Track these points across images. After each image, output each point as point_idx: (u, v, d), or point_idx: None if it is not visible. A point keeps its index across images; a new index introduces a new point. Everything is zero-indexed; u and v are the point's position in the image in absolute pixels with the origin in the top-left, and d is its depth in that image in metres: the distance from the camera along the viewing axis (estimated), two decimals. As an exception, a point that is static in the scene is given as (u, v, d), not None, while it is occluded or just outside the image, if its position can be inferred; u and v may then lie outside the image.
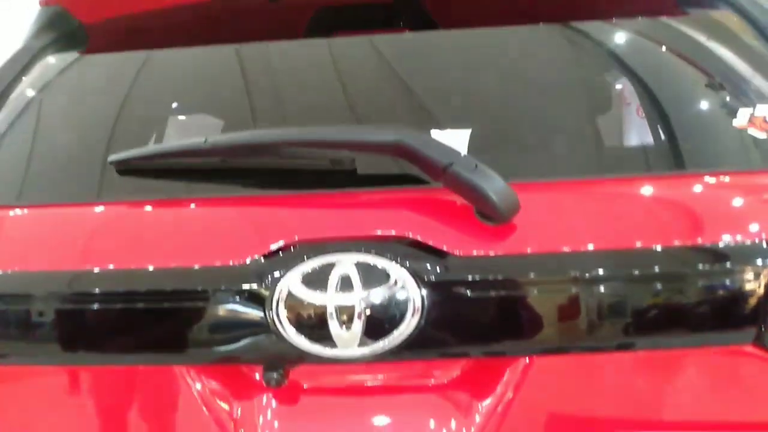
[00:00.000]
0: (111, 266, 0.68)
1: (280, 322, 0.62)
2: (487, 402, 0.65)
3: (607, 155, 0.82)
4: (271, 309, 0.62)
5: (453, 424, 0.64)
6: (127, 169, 0.79)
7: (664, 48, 0.94)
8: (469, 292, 0.63)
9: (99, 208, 0.77)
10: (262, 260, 0.65)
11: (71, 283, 0.68)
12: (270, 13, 1.04)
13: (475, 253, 0.64)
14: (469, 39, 0.96)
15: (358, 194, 0.71)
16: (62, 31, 1.09)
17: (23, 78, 1.03)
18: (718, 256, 0.64)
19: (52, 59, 1.07)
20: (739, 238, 0.64)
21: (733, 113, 0.80)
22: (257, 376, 0.67)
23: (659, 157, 0.80)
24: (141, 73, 1.01)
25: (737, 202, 0.71)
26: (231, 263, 0.65)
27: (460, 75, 0.88)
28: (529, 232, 0.65)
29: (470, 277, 0.63)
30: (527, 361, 0.64)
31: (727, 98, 0.86)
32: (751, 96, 0.85)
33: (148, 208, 0.74)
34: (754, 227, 0.66)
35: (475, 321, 0.63)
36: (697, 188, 0.71)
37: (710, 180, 0.71)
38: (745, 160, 0.77)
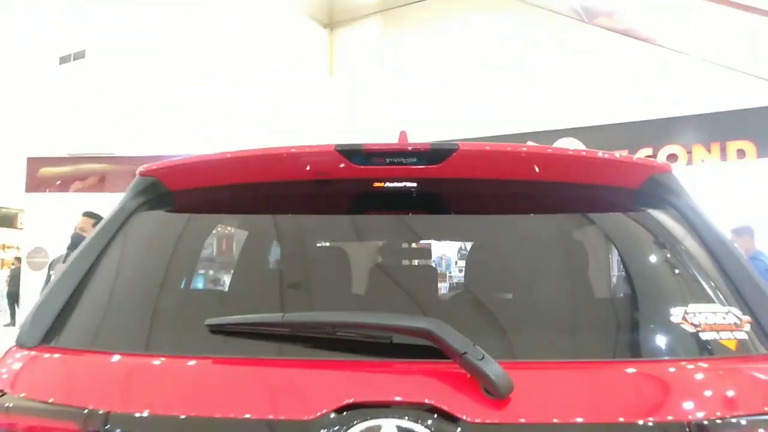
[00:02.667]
0: (202, 414, 0.93)
1: None
2: None
3: (578, 341, 1.09)
4: None
5: None
6: (218, 330, 1.05)
7: (625, 247, 1.24)
8: None
9: (194, 362, 1.02)
10: (329, 417, 0.90)
11: (178, 425, 0.93)
12: (323, 195, 1.33)
13: (479, 420, 0.90)
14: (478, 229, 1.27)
15: (398, 364, 0.97)
16: (153, 195, 1.36)
17: (114, 238, 1.29)
18: (650, 428, 0.90)
19: (144, 217, 1.33)
20: (664, 416, 0.91)
21: (669, 311, 1.08)
22: None
23: (609, 345, 1.07)
24: (225, 240, 1.29)
25: (675, 386, 0.98)
26: (307, 417, 0.90)
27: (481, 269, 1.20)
28: (521, 405, 0.91)
29: None
30: None
31: (670, 297, 1.13)
32: (686, 294, 1.13)
33: (236, 365, 1.00)
34: (678, 409, 0.92)
35: None
36: (640, 374, 0.98)
37: (652, 366, 0.98)
38: (679, 351, 1.04)
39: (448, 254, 1.90)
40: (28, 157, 14.71)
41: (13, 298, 16.11)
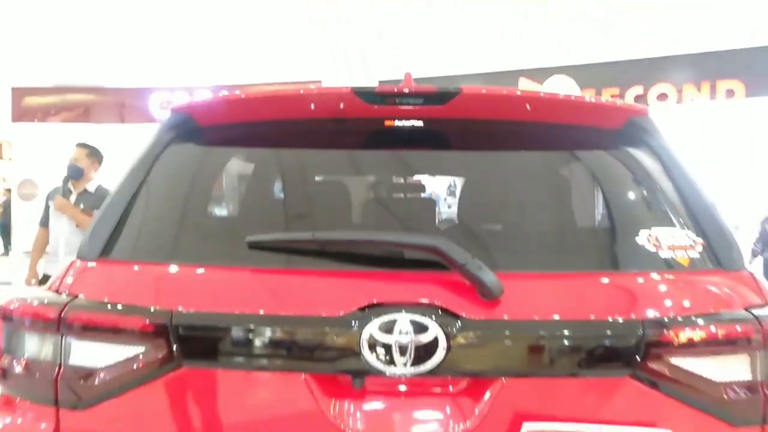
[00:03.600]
0: (263, 311, 1.13)
1: (364, 352, 1.08)
2: (478, 403, 1.11)
3: (559, 257, 1.30)
4: (359, 343, 1.09)
5: (459, 413, 1.11)
6: (257, 246, 1.24)
7: (604, 180, 1.44)
8: (474, 339, 1.10)
9: (239, 272, 1.22)
10: (354, 314, 1.11)
11: (245, 320, 1.13)
12: (340, 132, 1.49)
13: (475, 317, 1.11)
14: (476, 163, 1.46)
15: (411, 273, 1.17)
16: (185, 129, 1.51)
17: (153, 166, 1.44)
18: (611, 324, 1.13)
19: (176, 149, 1.49)
20: (624, 314, 1.13)
21: (636, 233, 1.28)
22: (348, 383, 1.13)
23: (583, 260, 1.28)
24: (253, 170, 1.47)
25: (636, 293, 1.20)
26: (340, 314, 1.11)
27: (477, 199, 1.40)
28: (509, 306, 1.13)
29: (474, 332, 1.10)
30: (503, 381, 1.11)
31: (637, 222, 1.33)
32: (652, 220, 1.34)
33: (275, 274, 1.20)
34: (634, 310, 1.14)
35: (476, 355, 1.11)
36: (606, 282, 1.19)
37: (617, 277, 1.20)
38: (641, 266, 1.26)
39: (438, 192, 2.09)
40: (12, 87, 14.42)
41: (5, 229, 16.21)
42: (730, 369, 1.13)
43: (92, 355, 1.16)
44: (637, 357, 1.10)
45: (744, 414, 1.13)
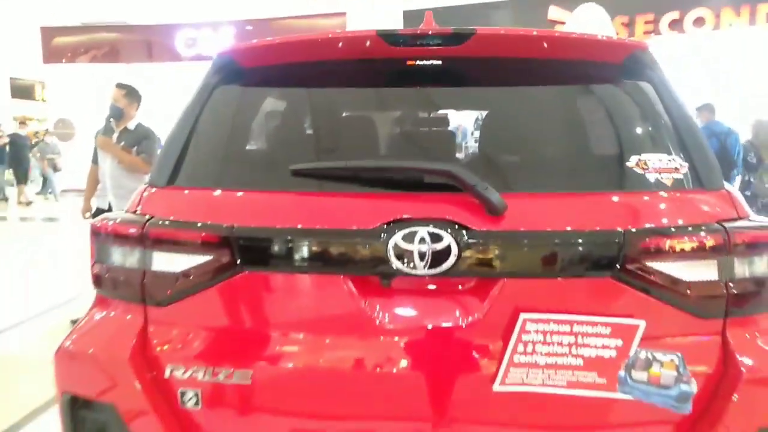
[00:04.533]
0: (307, 225, 1.36)
1: (391, 258, 1.31)
2: (483, 299, 1.34)
3: (556, 180, 1.49)
4: (387, 251, 1.32)
5: (467, 307, 1.34)
6: (300, 173, 1.45)
7: (601, 110, 1.60)
8: (480, 245, 1.32)
9: (286, 195, 1.44)
10: (382, 227, 1.34)
11: (293, 232, 1.35)
12: (366, 71, 1.66)
13: (483, 229, 1.33)
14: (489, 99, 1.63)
15: (428, 195, 1.38)
16: (230, 72, 1.71)
17: (205, 105, 1.64)
18: (595, 234, 1.33)
19: (223, 89, 1.69)
20: (607, 226, 1.33)
21: (628, 158, 1.46)
22: (377, 283, 1.37)
23: (581, 181, 1.46)
24: (291, 107, 1.67)
25: (621, 209, 1.39)
26: (371, 227, 1.33)
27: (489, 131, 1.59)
28: (511, 220, 1.34)
29: (480, 240, 1.32)
30: (504, 281, 1.34)
31: (630, 148, 1.50)
32: (644, 146, 1.50)
33: (315, 196, 1.42)
34: (616, 222, 1.34)
35: (481, 260, 1.33)
36: (595, 200, 1.39)
37: (605, 196, 1.39)
38: (629, 185, 1.44)
39: (464, 125, 2.27)
40: (41, 27, 14.61)
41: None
42: (699, 271, 1.32)
43: (169, 262, 1.41)
44: (617, 261, 1.31)
45: (709, 309, 1.34)
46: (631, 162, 1.44)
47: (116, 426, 1.39)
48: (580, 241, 1.32)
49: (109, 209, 4.18)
